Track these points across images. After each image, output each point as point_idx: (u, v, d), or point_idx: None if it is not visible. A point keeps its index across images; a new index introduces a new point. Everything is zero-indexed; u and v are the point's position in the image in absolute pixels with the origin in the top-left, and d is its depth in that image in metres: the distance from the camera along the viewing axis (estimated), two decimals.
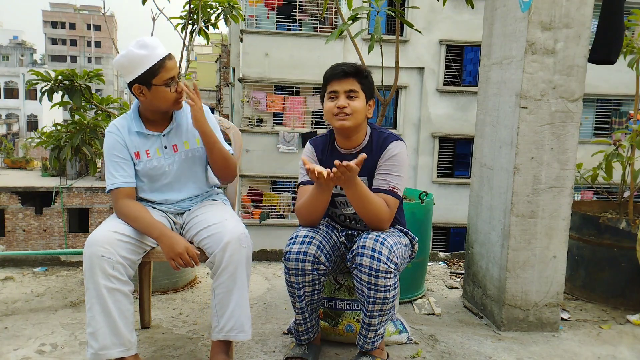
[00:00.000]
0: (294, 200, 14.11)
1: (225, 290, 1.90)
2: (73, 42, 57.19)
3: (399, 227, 2.10)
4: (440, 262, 3.75)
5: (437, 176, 14.99)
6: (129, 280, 1.85)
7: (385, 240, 1.87)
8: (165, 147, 2.05)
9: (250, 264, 1.96)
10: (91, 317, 1.79)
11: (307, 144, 2.16)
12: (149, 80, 1.92)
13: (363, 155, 1.75)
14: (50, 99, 3.06)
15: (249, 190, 14.75)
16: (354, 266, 1.89)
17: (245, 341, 2.28)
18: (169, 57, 1.95)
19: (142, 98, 1.97)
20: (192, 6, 3.41)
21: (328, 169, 1.75)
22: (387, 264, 1.83)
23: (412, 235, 2.13)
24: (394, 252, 1.86)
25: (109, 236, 1.81)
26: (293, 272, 1.92)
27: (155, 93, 1.94)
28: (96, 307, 1.78)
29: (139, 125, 2.03)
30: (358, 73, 1.98)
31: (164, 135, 2.05)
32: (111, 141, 2.00)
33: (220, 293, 1.91)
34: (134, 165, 2.03)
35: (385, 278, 1.84)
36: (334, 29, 13.83)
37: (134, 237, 1.90)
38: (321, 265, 1.92)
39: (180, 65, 3.03)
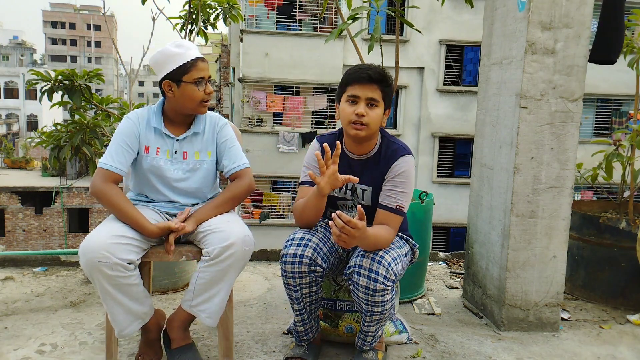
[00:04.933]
0: (294, 200, 14.09)
1: (211, 279, 1.90)
2: (73, 42, 57.24)
3: (400, 233, 2.06)
4: (440, 262, 3.75)
5: (437, 176, 14.99)
6: (132, 272, 1.84)
7: (383, 258, 1.83)
8: (176, 152, 2.07)
9: (245, 264, 1.97)
10: (106, 307, 1.90)
11: (314, 141, 2.13)
12: (179, 77, 1.98)
13: (360, 210, 1.69)
14: (50, 99, 3.06)
15: None
16: (350, 282, 1.88)
17: (244, 341, 2.28)
18: (202, 59, 2.04)
19: (170, 95, 2.02)
20: (191, 6, 3.41)
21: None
22: (384, 283, 1.80)
23: (413, 242, 2.10)
24: (392, 269, 1.83)
25: (102, 241, 1.80)
26: (290, 274, 1.91)
27: (184, 91, 2.00)
28: (108, 301, 1.87)
29: (159, 122, 2.06)
30: (383, 80, 1.91)
31: (178, 140, 2.07)
32: (127, 127, 2.03)
33: (204, 277, 1.91)
34: (142, 159, 2.05)
35: (383, 295, 1.82)
36: (334, 28, 13.78)
37: (130, 236, 1.88)
38: (318, 268, 1.90)
39: None
